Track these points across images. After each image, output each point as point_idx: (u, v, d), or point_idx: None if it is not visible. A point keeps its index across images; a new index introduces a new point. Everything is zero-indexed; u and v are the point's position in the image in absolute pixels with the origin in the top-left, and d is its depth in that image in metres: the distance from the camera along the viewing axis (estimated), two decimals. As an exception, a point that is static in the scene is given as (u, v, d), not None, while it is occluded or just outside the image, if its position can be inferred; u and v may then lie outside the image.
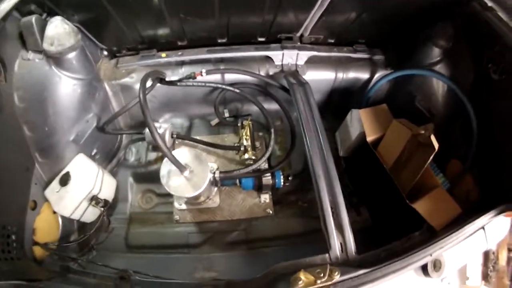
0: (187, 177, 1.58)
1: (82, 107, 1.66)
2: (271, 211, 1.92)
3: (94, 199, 1.63)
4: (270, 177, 1.83)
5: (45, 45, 1.39)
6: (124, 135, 2.12)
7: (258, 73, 1.92)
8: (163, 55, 1.87)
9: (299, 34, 1.90)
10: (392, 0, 1.57)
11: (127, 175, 2.01)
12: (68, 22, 1.43)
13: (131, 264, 1.19)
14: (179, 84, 1.82)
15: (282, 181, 1.83)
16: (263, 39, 1.93)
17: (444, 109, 1.75)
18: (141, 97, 1.39)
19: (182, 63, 1.92)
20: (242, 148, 1.96)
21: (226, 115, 2.16)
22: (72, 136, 1.64)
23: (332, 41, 1.99)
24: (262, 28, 1.82)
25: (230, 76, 1.94)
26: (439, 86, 1.74)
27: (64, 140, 1.61)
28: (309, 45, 1.94)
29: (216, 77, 1.91)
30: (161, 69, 1.84)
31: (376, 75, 1.96)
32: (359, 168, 1.99)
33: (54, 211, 1.56)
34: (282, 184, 1.84)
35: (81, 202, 1.60)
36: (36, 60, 1.43)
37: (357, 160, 2.02)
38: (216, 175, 1.62)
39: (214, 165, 1.90)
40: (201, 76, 1.79)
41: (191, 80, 1.82)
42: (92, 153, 1.80)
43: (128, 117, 2.08)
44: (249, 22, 1.75)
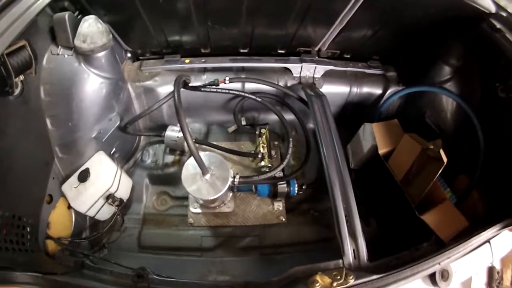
0: (208, 180, 1.59)
1: (106, 105, 1.68)
2: (284, 219, 1.93)
3: (110, 197, 1.63)
4: (285, 185, 1.86)
5: (77, 42, 1.42)
6: (142, 137, 2.14)
7: (277, 83, 1.98)
8: (187, 61, 1.93)
9: (317, 48, 1.99)
10: (410, 17, 1.62)
11: (143, 176, 2.01)
12: (101, 22, 1.47)
13: (143, 264, 1.16)
14: (203, 90, 1.86)
15: (296, 189, 1.86)
16: (283, 51, 2.00)
17: (452, 125, 1.80)
18: (176, 98, 1.41)
19: (204, 70, 1.97)
20: (259, 156, 1.99)
21: (243, 123, 2.20)
22: (94, 133, 1.66)
23: (348, 56, 2.08)
24: (283, 41, 1.90)
25: (250, 85, 1.99)
26: (448, 103, 1.79)
27: (86, 137, 1.63)
28: (327, 59, 2.03)
29: (237, 85, 1.97)
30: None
31: (389, 91, 2.04)
32: (368, 180, 2.03)
33: (69, 207, 1.57)
34: (296, 192, 1.87)
35: (98, 199, 1.61)
36: (66, 55, 1.45)
37: (366, 173, 2.05)
38: (236, 179, 1.65)
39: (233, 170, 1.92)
40: (224, 83, 1.84)
41: (214, 86, 1.86)
42: (111, 152, 1.81)
43: (148, 119, 2.11)
44: (271, 34, 1.82)
